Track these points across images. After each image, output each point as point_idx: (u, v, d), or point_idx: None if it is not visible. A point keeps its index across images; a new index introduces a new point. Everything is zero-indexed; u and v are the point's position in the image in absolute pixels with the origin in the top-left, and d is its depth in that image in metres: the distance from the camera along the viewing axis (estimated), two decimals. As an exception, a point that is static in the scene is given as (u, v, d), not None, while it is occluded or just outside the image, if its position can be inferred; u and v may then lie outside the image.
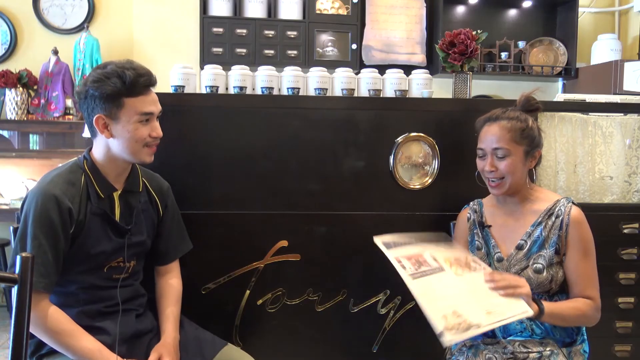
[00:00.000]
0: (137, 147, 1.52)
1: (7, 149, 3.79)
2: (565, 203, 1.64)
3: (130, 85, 1.47)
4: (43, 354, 1.51)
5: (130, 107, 1.49)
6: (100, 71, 1.49)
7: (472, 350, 1.56)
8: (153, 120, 1.55)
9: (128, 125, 1.49)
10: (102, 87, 1.46)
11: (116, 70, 1.47)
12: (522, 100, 1.70)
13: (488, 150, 1.64)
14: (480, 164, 1.69)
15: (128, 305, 1.59)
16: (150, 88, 1.54)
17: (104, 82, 1.46)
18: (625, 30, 4.33)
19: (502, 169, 1.62)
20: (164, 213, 1.71)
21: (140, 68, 1.51)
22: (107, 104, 1.48)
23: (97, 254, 1.51)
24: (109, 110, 1.48)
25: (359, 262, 2.03)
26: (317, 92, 2.13)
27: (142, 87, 1.50)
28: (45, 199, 1.43)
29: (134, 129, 1.50)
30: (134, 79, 1.47)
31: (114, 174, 1.57)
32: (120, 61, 1.52)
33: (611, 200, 2.24)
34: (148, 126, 1.53)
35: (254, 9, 3.76)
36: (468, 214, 1.79)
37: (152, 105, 1.53)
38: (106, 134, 1.51)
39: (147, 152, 1.55)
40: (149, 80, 1.51)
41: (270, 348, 2.00)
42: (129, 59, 1.55)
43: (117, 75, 1.46)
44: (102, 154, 1.55)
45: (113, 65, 1.49)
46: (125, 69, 1.47)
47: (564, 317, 1.54)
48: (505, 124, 1.63)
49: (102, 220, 1.53)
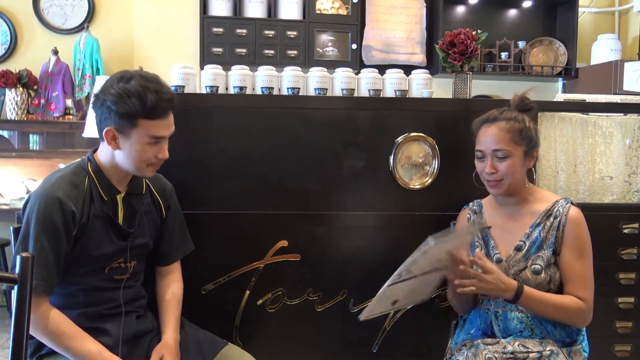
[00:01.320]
0: (141, 166, 1.50)
1: (7, 149, 3.79)
2: (564, 204, 1.64)
3: (150, 110, 1.42)
4: (43, 354, 1.51)
5: (143, 128, 1.44)
6: (122, 86, 1.42)
7: (472, 350, 1.56)
8: (163, 142, 1.51)
9: (136, 145, 1.46)
10: (120, 104, 1.41)
11: (138, 90, 1.40)
12: (516, 100, 1.70)
13: (487, 151, 1.64)
14: (479, 166, 1.68)
15: (129, 307, 1.58)
16: (169, 111, 1.49)
17: (124, 99, 1.40)
18: (625, 30, 4.33)
19: (502, 170, 1.62)
20: (166, 214, 1.70)
21: (165, 92, 1.45)
22: (122, 120, 1.43)
23: (98, 256, 1.51)
24: (122, 126, 1.44)
25: (359, 262, 2.03)
26: (317, 92, 2.13)
27: (162, 112, 1.45)
28: (49, 201, 1.42)
29: (142, 149, 1.47)
30: (155, 104, 1.42)
31: (118, 177, 1.56)
32: (146, 77, 1.45)
33: (611, 200, 2.24)
34: (156, 147, 1.49)
35: (254, 9, 3.76)
36: (468, 214, 1.79)
37: (166, 129, 1.49)
38: (113, 145, 1.48)
39: (150, 169, 1.54)
40: (170, 105, 1.47)
41: (271, 348, 2.00)
42: (155, 74, 1.48)
43: (139, 96, 1.40)
44: (106, 160, 1.53)
45: (136, 82, 1.42)
46: (148, 90, 1.41)
47: (543, 307, 1.56)
48: (503, 125, 1.63)
49: (105, 223, 1.52)
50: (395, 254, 2.05)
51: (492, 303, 1.68)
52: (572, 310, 1.57)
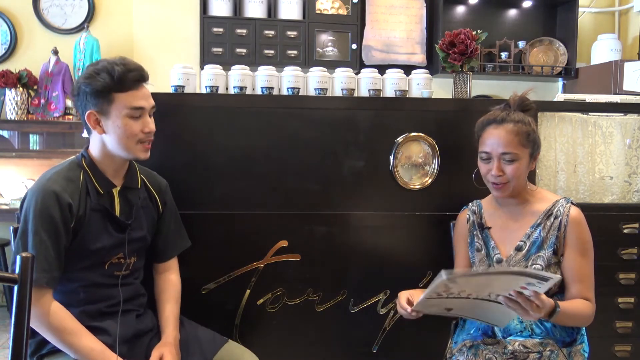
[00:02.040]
0: (131, 144, 1.52)
1: (7, 149, 3.79)
2: (564, 203, 1.64)
3: (119, 80, 1.47)
4: (43, 354, 1.51)
5: (119, 101, 1.49)
6: (91, 68, 1.51)
7: (472, 350, 1.56)
8: (145, 115, 1.54)
9: (118, 120, 1.49)
10: (93, 83, 1.48)
11: (106, 66, 1.48)
12: (517, 100, 1.68)
13: (495, 154, 1.62)
14: (484, 168, 1.66)
15: (129, 305, 1.59)
16: (143, 84, 1.54)
17: (94, 77, 1.48)
18: (625, 30, 4.33)
19: (509, 174, 1.61)
20: (163, 210, 1.71)
21: (131, 64, 1.51)
22: (98, 99, 1.48)
23: (97, 249, 1.51)
24: (100, 106, 1.49)
25: (359, 262, 2.04)
26: (317, 92, 2.13)
27: (132, 82, 1.50)
28: (45, 195, 1.44)
29: (124, 124, 1.50)
30: (123, 74, 1.48)
31: (112, 170, 1.57)
32: (113, 58, 1.53)
33: (611, 200, 2.24)
34: (140, 122, 1.52)
35: (254, 9, 3.76)
36: (467, 215, 1.79)
37: (143, 100, 1.53)
38: (98, 129, 1.51)
39: (141, 148, 1.55)
40: (139, 75, 1.52)
41: (271, 348, 2.00)
42: (122, 56, 1.56)
43: (107, 70, 1.48)
44: (98, 151, 1.56)
45: (104, 62, 1.50)
46: (115, 64, 1.48)
47: (569, 318, 1.53)
48: (512, 127, 1.61)
49: (102, 216, 1.53)
50: (395, 254, 2.06)
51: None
52: (588, 315, 1.57)
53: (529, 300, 1.36)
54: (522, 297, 1.36)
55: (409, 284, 2.04)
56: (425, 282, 2.05)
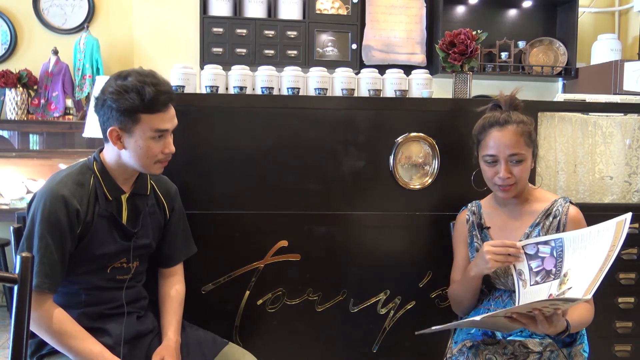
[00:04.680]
0: (149, 163, 1.50)
1: (7, 149, 3.79)
2: (563, 203, 1.64)
3: (149, 103, 1.43)
4: (43, 354, 1.51)
5: (145, 123, 1.45)
6: (120, 83, 1.44)
7: (472, 350, 1.56)
8: (167, 136, 1.51)
9: (140, 141, 1.46)
10: (120, 101, 1.42)
11: (136, 85, 1.42)
12: (507, 100, 1.69)
13: (502, 156, 1.61)
14: (490, 171, 1.65)
15: (130, 308, 1.58)
16: (170, 104, 1.50)
17: (122, 95, 1.42)
18: (625, 30, 4.33)
19: (517, 174, 1.61)
20: (170, 216, 1.70)
21: (162, 84, 1.46)
22: (124, 117, 1.44)
23: (101, 255, 1.51)
24: (124, 124, 1.45)
25: (359, 262, 2.03)
26: (317, 92, 2.13)
27: (162, 105, 1.46)
28: (54, 199, 1.43)
29: (146, 145, 1.47)
30: (154, 97, 1.43)
31: (123, 178, 1.56)
32: (143, 72, 1.46)
33: (611, 200, 2.24)
34: (161, 142, 1.49)
35: (254, 9, 3.76)
36: (467, 215, 1.79)
37: (169, 122, 1.50)
38: (118, 145, 1.48)
39: (158, 167, 1.54)
40: (169, 98, 1.48)
41: (271, 348, 2.00)
42: (152, 70, 1.49)
43: (137, 91, 1.42)
44: (112, 160, 1.54)
45: (134, 78, 1.43)
46: (145, 84, 1.42)
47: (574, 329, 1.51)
48: (515, 128, 1.61)
49: (109, 222, 1.52)
50: (395, 254, 2.06)
51: (492, 303, 1.68)
52: (589, 319, 1.57)
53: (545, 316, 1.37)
54: (540, 314, 1.37)
55: (409, 284, 2.05)
56: (425, 282, 2.05)
